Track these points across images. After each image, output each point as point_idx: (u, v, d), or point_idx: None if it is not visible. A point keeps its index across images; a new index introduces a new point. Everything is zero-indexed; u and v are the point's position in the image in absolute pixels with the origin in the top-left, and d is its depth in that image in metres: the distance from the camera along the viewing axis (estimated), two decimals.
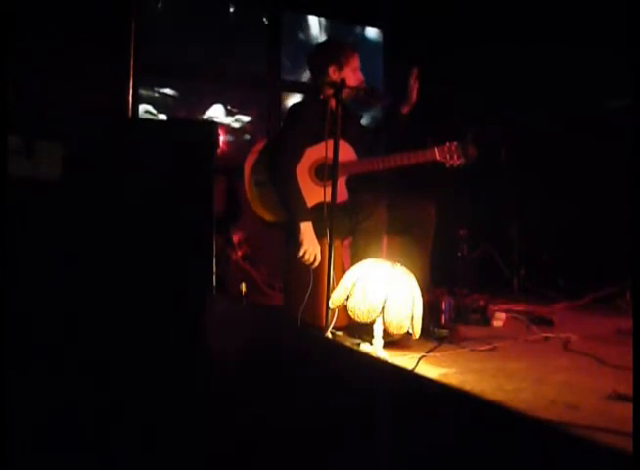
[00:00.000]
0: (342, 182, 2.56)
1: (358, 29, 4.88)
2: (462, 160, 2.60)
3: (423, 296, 2.06)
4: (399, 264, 2.04)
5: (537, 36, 3.60)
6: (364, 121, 3.07)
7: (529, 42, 3.63)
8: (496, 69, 3.83)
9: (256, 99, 4.52)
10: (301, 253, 2.44)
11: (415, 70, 2.67)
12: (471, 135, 2.61)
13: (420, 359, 1.96)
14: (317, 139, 2.52)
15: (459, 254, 3.29)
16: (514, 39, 3.73)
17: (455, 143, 2.60)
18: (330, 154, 2.21)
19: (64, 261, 1.50)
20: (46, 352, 1.47)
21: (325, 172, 2.42)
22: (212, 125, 1.72)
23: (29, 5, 3.05)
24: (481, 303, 2.78)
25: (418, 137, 2.66)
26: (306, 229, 2.45)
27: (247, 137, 4.62)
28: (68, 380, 1.46)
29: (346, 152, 2.57)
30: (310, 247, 2.45)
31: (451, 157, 2.59)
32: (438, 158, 2.59)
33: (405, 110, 2.73)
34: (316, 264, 2.46)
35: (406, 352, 2.06)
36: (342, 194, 2.55)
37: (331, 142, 2.22)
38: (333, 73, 2.62)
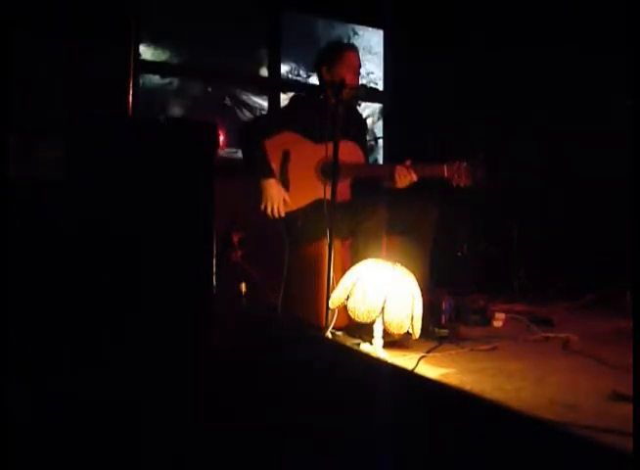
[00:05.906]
0: (346, 183, 2.57)
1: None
2: (469, 181, 2.50)
3: (423, 296, 2.06)
4: (399, 264, 2.04)
5: (536, 38, 3.61)
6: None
7: (530, 44, 3.63)
8: (496, 68, 3.83)
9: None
10: (262, 207, 2.52)
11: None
12: (481, 156, 2.50)
13: (420, 359, 1.96)
14: (309, 133, 2.58)
15: (459, 254, 3.29)
16: (514, 41, 3.73)
17: (465, 163, 2.50)
18: (339, 155, 2.24)
19: (64, 261, 1.50)
20: (46, 352, 1.47)
21: (332, 172, 2.43)
22: (212, 125, 1.72)
23: (30, 5, 3.05)
24: (481, 303, 2.78)
25: (418, 136, 2.66)
26: (268, 184, 2.52)
27: None
28: (68, 379, 1.47)
29: (356, 154, 2.61)
30: (270, 200, 2.51)
31: (459, 176, 2.50)
32: (446, 175, 2.51)
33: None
34: (277, 214, 2.52)
35: (406, 353, 2.05)
36: (345, 194, 2.56)
37: (340, 143, 2.24)
38: (325, 74, 2.68)
